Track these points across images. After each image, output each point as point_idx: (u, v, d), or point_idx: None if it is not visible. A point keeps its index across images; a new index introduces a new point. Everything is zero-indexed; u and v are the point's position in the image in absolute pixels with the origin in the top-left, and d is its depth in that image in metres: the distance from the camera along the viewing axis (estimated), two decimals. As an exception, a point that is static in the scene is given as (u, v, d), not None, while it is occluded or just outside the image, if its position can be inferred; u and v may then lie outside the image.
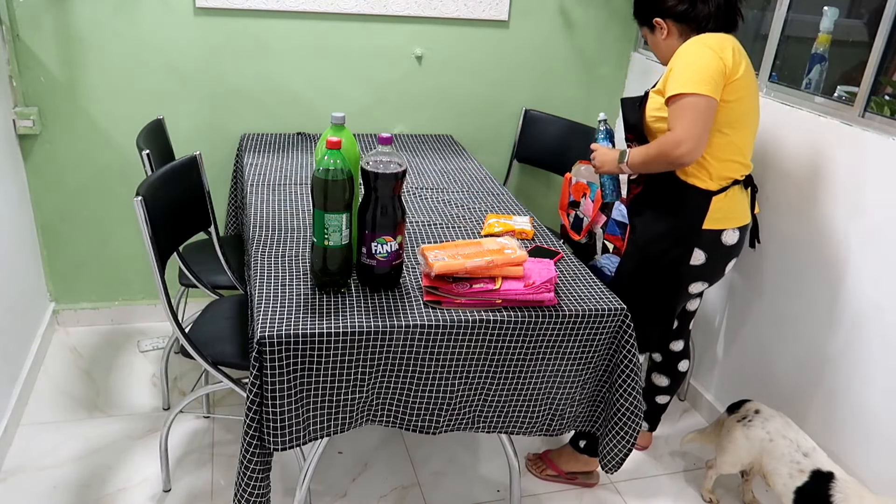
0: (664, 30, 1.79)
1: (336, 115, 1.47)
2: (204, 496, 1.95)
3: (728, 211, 1.77)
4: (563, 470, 2.08)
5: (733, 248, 1.83)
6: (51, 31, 2.28)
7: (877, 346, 1.80)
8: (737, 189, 1.78)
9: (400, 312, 1.47)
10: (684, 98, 1.62)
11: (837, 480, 1.68)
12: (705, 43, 1.66)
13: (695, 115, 1.62)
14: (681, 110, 1.63)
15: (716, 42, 1.66)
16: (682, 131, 1.62)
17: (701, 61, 1.63)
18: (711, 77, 1.62)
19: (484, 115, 2.83)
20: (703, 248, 1.79)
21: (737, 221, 1.80)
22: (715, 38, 1.68)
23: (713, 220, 1.76)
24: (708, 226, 1.76)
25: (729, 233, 1.79)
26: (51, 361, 2.50)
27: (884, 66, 1.82)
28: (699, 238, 1.78)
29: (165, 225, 1.66)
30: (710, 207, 1.75)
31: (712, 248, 1.80)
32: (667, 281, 1.83)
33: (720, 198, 1.75)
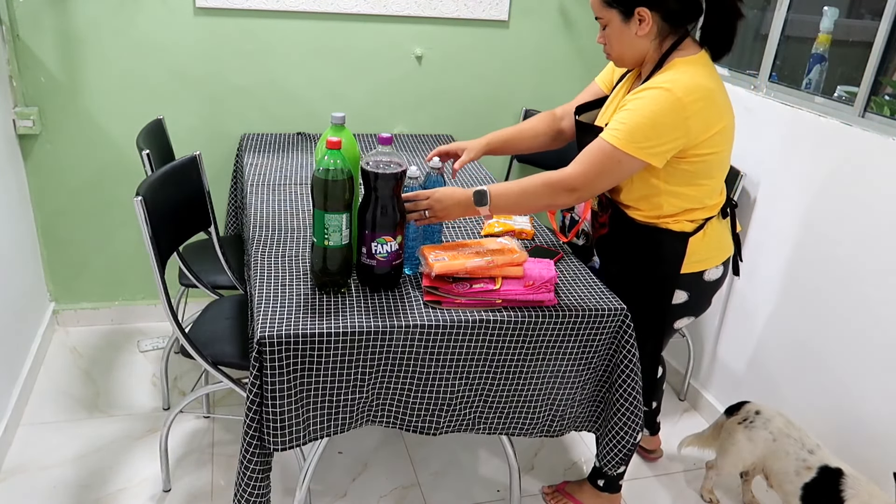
0: (646, 23, 1.48)
1: (336, 115, 1.47)
2: (204, 496, 1.95)
3: (707, 250, 1.62)
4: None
5: (717, 283, 1.69)
6: (51, 31, 2.28)
7: (877, 347, 1.80)
8: (714, 223, 1.61)
9: (400, 312, 1.47)
10: (616, 152, 1.44)
11: (847, 477, 1.68)
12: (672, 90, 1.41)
13: (610, 172, 1.47)
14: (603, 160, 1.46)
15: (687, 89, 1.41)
16: (586, 181, 1.48)
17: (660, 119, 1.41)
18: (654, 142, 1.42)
19: (484, 115, 2.83)
20: (684, 289, 1.65)
21: (718, 258, 1.65)
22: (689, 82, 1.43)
23: (692, 262, 1.60)
24: (687, 269, 1.61)
25: (711, 271, 1.65)
26: (51, 361, 2.50)
27: (884, 66, 1.82)
28: (678, 281, 1.63)
29: (165, 225, 1.66)
30: (686, 251, 1.59)
31: (694, 288, 1.66)
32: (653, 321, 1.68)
33: (697, 238, 1.59)
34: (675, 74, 1.45)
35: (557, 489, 2.04)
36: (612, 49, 1.57)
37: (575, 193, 1.51)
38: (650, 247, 1.62)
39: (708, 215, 1.61)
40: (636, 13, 1.48)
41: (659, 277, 1.64)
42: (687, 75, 1.45)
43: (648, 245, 1.62)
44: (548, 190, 1.52)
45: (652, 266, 1.64)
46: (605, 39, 1.57)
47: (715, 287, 1.71)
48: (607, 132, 1.47)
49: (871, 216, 1.80)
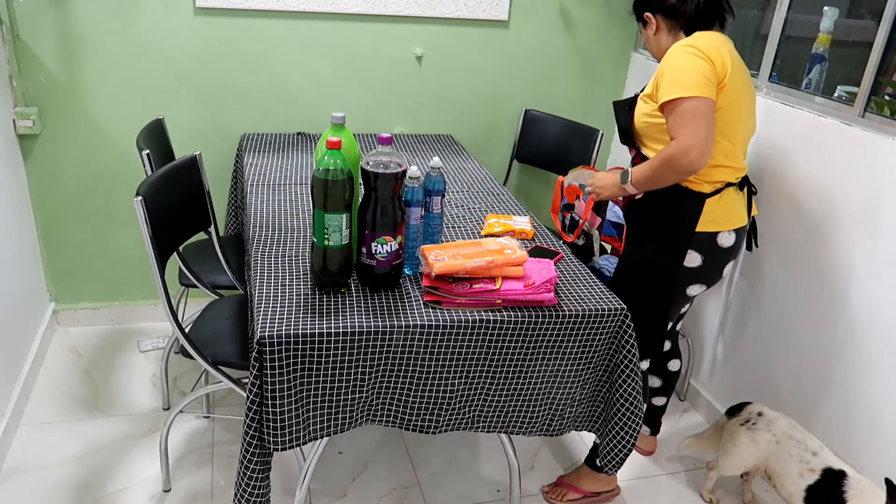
0: (654, 25, 1.77)
1: (336, 115, 1.47)
2: (204, 496, 1.95)
3: (722, 213, 1.75)
4: (586, 491, 2.02)
5: (730, 251, 1.80)
6: (51, 31, 2.28)
7: (876, 347, 1.79)
8: (731, 191, 1.75)
9: (400, 312, 1.47)
10: (682, 103, 1.58)
11: (850, 479, 1.68)
12: (694, 45, 1.63)
13: (696, 118, 1.58)
14: (681, 116, 1.59)
15: (707, 44, 1.63)
16: (688, 137, 1.58)
17: (690, 64, 1.60)
18: (704, 78, 1.59)
19: (484, 115, 2.83)
20: (698, 250, 1.76)
21: (732, 223, 1.77)
22: (707, 40, 1.64)
23: (707, 222, 1.73)
24: (702, 228, 1.74)
25: (724, 235, 1.76)
26: (51, 361, 2.50)
27: (884, 66, 1.82)
28: (693, 240, 1.75)
29: (165, 225, 1.66)
30: (703, 210, 1.72)
31: (708, 251, 1.77)
32: (662, 283, 1.81)
33: (714, 200, 1.73)
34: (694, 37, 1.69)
35: (556, 484, 2.08)
36: (651, 51, 1.85)
37: (690, 153, 1.59)
38: (669, 204, 1.75)
39: (726, 179, 1.74)
40: (646, 18, 1.79)
41: (676, 233, 1.77)
42: (701, 37, 1.68)
43: (670, 201, 1.75)
44: (668, 163, 1.63)
45: (670, 222, 1.76)
46: (645, 45, 1.88)
47: (727, 255, 1.80)
48: (665, 96, 1.61)
49: (871, 216, 1.80)
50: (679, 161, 1.60)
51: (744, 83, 1.70)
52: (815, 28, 2.08)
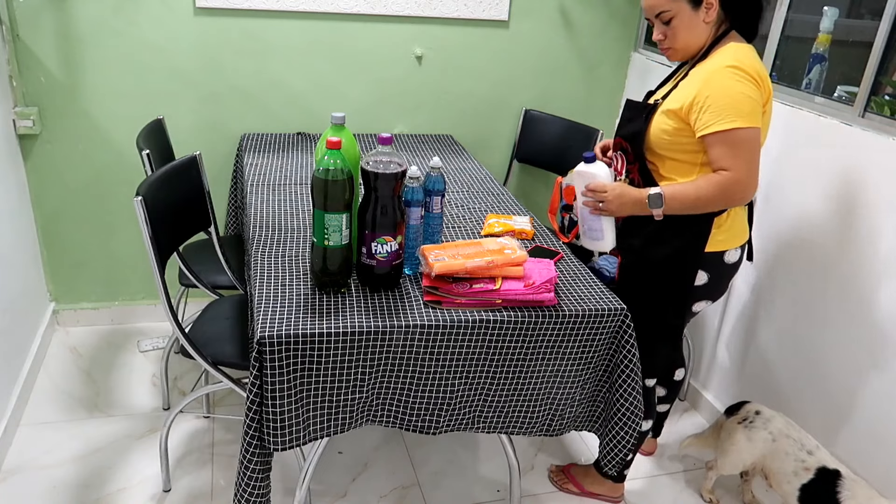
0: (714, 9, 1.58)
1: (336, 115, 1.47)
2: (204, 496, 1.95)
3: (729, 231, 1.69)
4: (585, 489, 2.03)
5: (735, 266, 1.75)
6: (51, 31, 2.28)
7: (876, 347, 1.80)
8: (737, 208, 1.69)
9: (400, 312, 1.47)
10: (736, 133, 1.50)
11: (844, 479, 1.68)
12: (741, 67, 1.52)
13: (750, 151, 1.53)
14: (739, 147, 1.51)
15: (752, 65, 1.53)
16: (747, 171, 1.52)
17: (742, 89, 1.51)
18: (756, 105, 1.52)
19: (484, 115, 2.83)
20: (705, 269, 1.71)
21: (738, 241, 1.72)
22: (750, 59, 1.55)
23: (715, 242, 1.68)
24: (711, 248, 1.68)
25: (731, 252, 1.71)
26: (51, 361, 2.50)
27: (884, 66, 1.82)
28: (702, 260, 1.69)
29: (165, 225, 1.66)
30: (711, 230, 1.66)
31: (715, 269, 1.72)
32: (672, 303, 1.75)
33: (722, 219, 1.66)
34: (733, 54, 1.55)
35: (563, 469, 2.09)
36: (678, 41, 1.63)
37: (748, 188, 1.55)
38: (679, 223, 1.65)
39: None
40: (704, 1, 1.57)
41: (684, 255, 1.69)
42: (742, 53, 1.56)
43: (677, 222, 1.65)
44: (721, 192, 1.56)
45: (678, 244, 1.69)
46: (670, 33, 1.63)
47: (732, 271, 1.76)
48: (715, 125, 1.51)
49: (871, 216, 1.80)
50: (737, 194, 1.55)
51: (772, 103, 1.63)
52: (815, 28, 2.08)
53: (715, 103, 1.51)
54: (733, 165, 1.53)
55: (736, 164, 1.53)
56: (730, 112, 1.50)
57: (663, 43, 1.66)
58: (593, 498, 2.04)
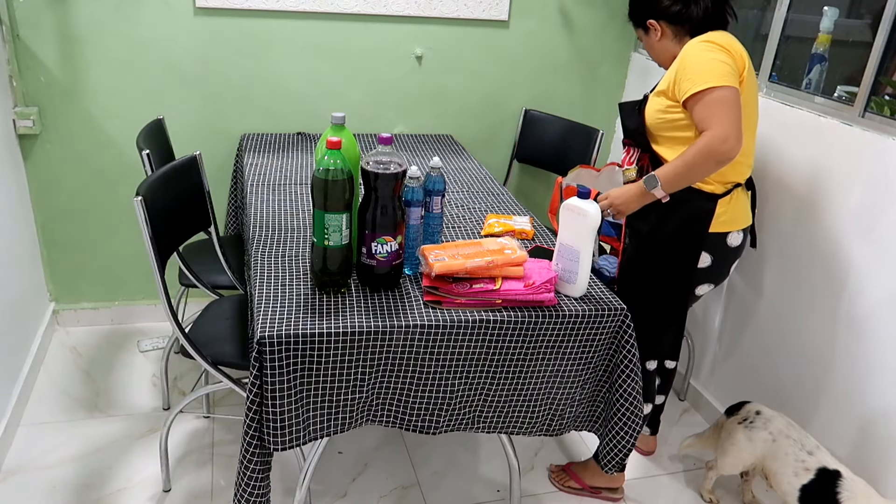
0: (658, 31, 1.78)
1: (336, 115, 1.47)
2: (204, 496, 1.95)
3: (733, 213, 1.77)
4: (587, 484, 2.04)
5: (737, 250, 1.82)
6: (51, 31, 2.28)
7: (877, 347, 1.80)
8: (739, 191, 1.78)
9: (400, 312, 1.47)
10: (711, 93, 1.59)
11: (844, 479, 1.68)
12: (711, 40, 1.65)
13: (727, 107, 1.59)
14: (712, 106, 1.60)
15: (720, 38, 1.66)
16: (723, 126, 1.58)
17: (712, 55, 1.63)
18: (729, 68, 1.61)
19: (484, 115, 2.83)
20: (709, 250, 1.78)
21: (741, 223, 1.80)
22: (718, 35, 1.68)
23: (719, 223, 1.75)
24: (714, 229, 1.76)
25: (734, 235, 1.79)
26: (51, 361, 2.50)
27: (884, 66, 1.82)
28: (706, 241, 1.77)
29: (165, 225, 1.66)
30: (715, 211, 1.74)
31: (718, 251, 1.79)
32: (677, 285, 1.82)
33: (725, 200, 1.75)
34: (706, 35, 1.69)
35: (563, 468, 2.11)
36: (653, 57, 1.87)
37: (728, 140, 1.59)
38: (683, 204, 1.74)
39: (736, 180, 1.76)
40: (648, 25, 1.78)
41: (689, 235, 1.76)
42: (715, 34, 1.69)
43: (682, 203, 1.74)
44: (707, 153, 1.61)
45: (683, 224, 1.76)
46: (646, 50, 1.86)
47: (735, 254, 1.83)
48: (692, 88, 1.62)
49: (871, 216, 1.80)
50: (718, 149, 1.59)
51: (755, 81, 1.73)
52: (815, 28, 2.08)
53: (690, 70, 1.64)
54: (712, 124, 1.60)
55: (714, 122, 1.60)
56: (703, 75, 1.61)
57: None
58: (595, 494, 2.04)
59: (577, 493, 2.05)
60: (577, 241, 1.55)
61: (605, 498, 2.04)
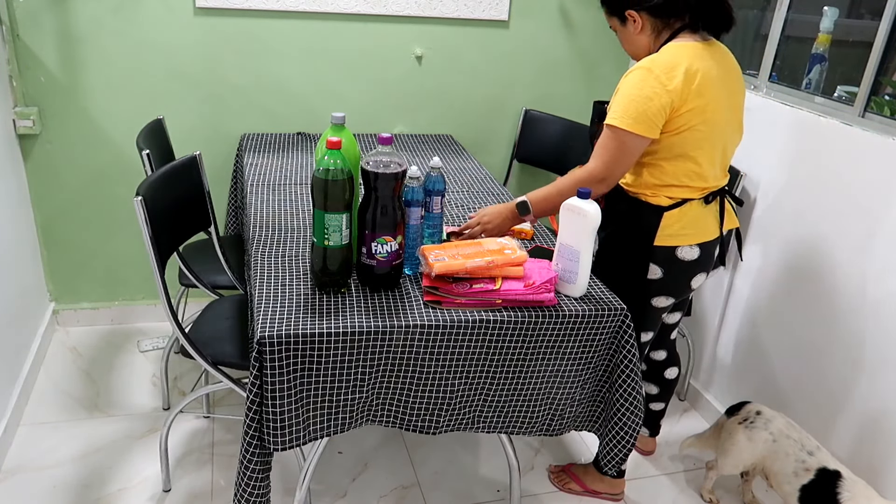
0: (637, 23, 1.64)
1: (336, 115, 1.47)
2: (204, 496, 1.95)
3: (684, 227, 1.68)
4: (588, 486, 2.03)
5: (694, 265, 1.72)
6: (51, 31, 2.28)
7: (877, 346, 1.80)
8: (693, 205, 1.68)
9: (400, 312, 1.47)
10: (616, 132, 1.57)
11: (844, 480, 1.68)
12: (651, 68, 1.54)
13: (618, 152, 1.58)
14: (610, 143, 1.59)
15: (665, 66, 1.53)
16: (603, 168, 1.59)
17: (642, 92, 1.53)
18: (646, 112, 1.53)
19: (484, 115, 2.83)
20: (658, 263, 1.71)
21: (694, 238, 1.70)
22: (666, 60, 1.55)
23: (665, 236, 1.68)
24: (661, 242, 1.68)
25: (685, 249, 1.69)
26: (51, 361, 2.50)
27: (884, 66, 1.82)
28: (652, 254, 1.70)
29: (165, 225, 1.66)
30: (661, 223, 1.67)
31: (668, 264, 1.71)
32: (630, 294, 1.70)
33: (673, 214, 1.67)
34: (657, 55, 1.59)
35: (563, 469, 2.10)
36: (625, 49, 1.76)
37: (605, 182, 1.62)
38: (629, 216, 1.72)
39: (687, 196, 1.68)
40: (627, 15, 1.65)
41: (634, 246, 1.73)
42: (666, 54, 1.58)
43: (628, 214, 1.72)
44: (577, 182, 1.63)
45: (628, 234, 1.74)
46: (621, 42, 1.76)
47: (691, 268, 1.74)
48: (608, 118, 1.60)
49: (871, 216, 1.80)
50: (594, 185, 1.61)
51: (723, 97, 1.60)
52: (815, 28, 2.08)
53: (615, 98, 1.61)
54: (593, 159, 1.62)
55: (596, 159, 1.61)
56: (618, 109, 1.57)
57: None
58: (596, 496, 2.04)
59: (577, 494, 2.05)
60: (577, 241, 1.55)
61: (605, 499, 2.04)
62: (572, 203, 1.55)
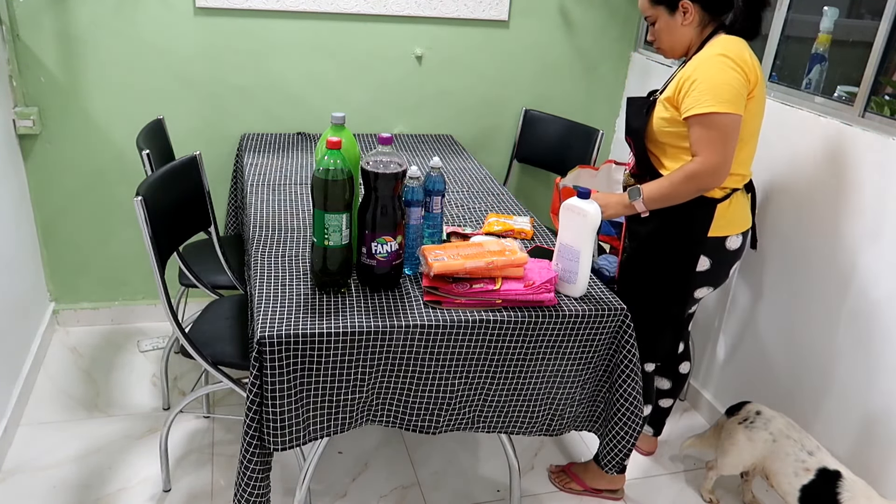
0: (689, 14, 1.66)
1: (336, 115, 1.48)
2: (204, 496, 1.95)
3: (731, 217, 1.75)
4: (588, 485, 2.04)
5: (736, 253, 1.81)
6: (51, 31, 2.28)
7: (878, 347, 1.79)
8: (739, 195, 1.76)
9: (400, 312, 1.47)
10: (715, 118, 1.57)
11: (845, 480, 1.68)
12: (727, 54, 1.58)
13: (725, 137, 1.58)
14: (712, 132, 1.58)
15: (736, 53, 1.59)
16: (717, 157, 1.58)
17: (725, 77, 1.57)
18: (738, 93, 1.57)
19: (484, 115, 2.83)
20: (707, 254, 1.77)
21: (740, 227, 1.78)
22: (734, 47, 1.61)
23: (717, 227, 1.74)
24: (713, 233, 1.74)
25: (732, 238, 1.77)
26: (51, 361, 2.50)
27: (884, 66, 1.82)
28: (704, 245, 1.76)
29: (165, 225, 1.66)
30: (714, 215, 1.72)
31: (717, 255, 1.78)
32: (675, 288, 1.81)
33: (724, 205, 1.73)
34: (723, 44, 1.62)
35: (563, 469, 2.11)
36: (663, 42, 1.75)
37: (720, 172, 1.62)
38: (682, 208, 1.71)
39: (735, 185, 1.73)
40: (680, 6, 1.67)
41: (687, 239, 1.75)
42: (732, 44, 1.62)
43: (680, 207, 1.71)
44: (694, 181, 1.64)
45: (682, 228, 1.75)
46: (656, 35, 1.75)
47: (734, 257, 1.82)
48: (695, 108, 1.59)
49: (871, 216, 1.80)
50: (705, 180, 1.62)
51: (764, 91, 1.68)
52: (815, 28, 2.08)
53: (697, 87, 1.59)
54: (703, 151, 1.60)
55: (706, 150, 1.60)
56: (709, 97, 1.57)
57: (654, 43, 1.78)
58: (596, 495, 2.04)
59: (577, 494, 2.05)
60: (577, 240, 1.55)
61: (605, 498, 2.04)
62: (572, 203, 1.55)
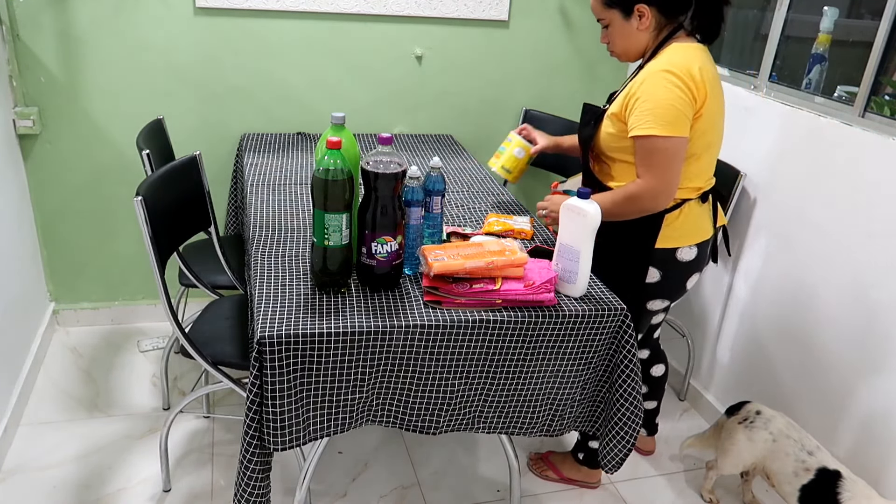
0: (645, 18, 1.60)
1: (336, 115, 1.47)
2: (204, 496, 1.95)
3: (682, 228, 1.69)
4: (564, 475, 2.08)
5: (690, 265, 1.74)
6: (51, 31, 2.28)
7: (878, 348, 1.80)
8: (692, 205, 1.69)
9: (400, 312, 1.47)
10: (656, 141, 1.53)
11: (845, 480, 1.68)
12: (672, 71, 1.52)
13: (667, 160, 1.55)
14: (653, 156, 1.55)
15: (683, 67, 1.53)
16: (658, 181, 1.56)
17: (668, 96, 1.52)
18: (680, 115, 1.52)
19: (484, 115, 2.83)
20: (656, 266, 1.72)
21: (693, 238, 1.71)
22: (682, 61, 1.54)
23: (666, 238, 1.68)
24: (661, 244, 1.69)
25: (684, 250, 1.71)
26: (51, 361, 2.50)
27: (884, 66, 1.82)
28: (652, 257, 1.71)
29: (165, 225, 1.66)
30: (661, 226, 1.67)
31: (667, 266, 1.72)
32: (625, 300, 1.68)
33: (673, 215, 1.67)
34: (669, 56, 1.57)
35: (542, 457, 2.14)
36: (616, 46, 1.69)
37: (664, 194, 1.59)
38: (627, 221, 1.67)
39: (685, 196, 1.68)
40: (635, 10, 1.60)
41: (634, 251, 1.71)
42: (679, 56, 1.56)
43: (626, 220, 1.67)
44: (635, 203, 1.62)
45: (627, 238, 1.70)
46: (609, 38, 1.69)
47: (688, 269, 1.75)
48: (637, 129, 1.55)
49: (871, 216, 1.80)
50: (646, 203, 1.60)
51: (720, 98, 1.62)
52: (815, 28, 2.08)
53: (640, 107, 1.55)
54: (645, 174, 1.58)
55: (647, 174, 1.57)
56: (650, 118, 1.53)
57: (608, 46, 1.72)
58: (571, 484, 2.08)
59: (554, 482, 2.09)
60: (577, 240, 1.55)
61: (581, 487, 2.09)
62: (572, 203, 1.55)
